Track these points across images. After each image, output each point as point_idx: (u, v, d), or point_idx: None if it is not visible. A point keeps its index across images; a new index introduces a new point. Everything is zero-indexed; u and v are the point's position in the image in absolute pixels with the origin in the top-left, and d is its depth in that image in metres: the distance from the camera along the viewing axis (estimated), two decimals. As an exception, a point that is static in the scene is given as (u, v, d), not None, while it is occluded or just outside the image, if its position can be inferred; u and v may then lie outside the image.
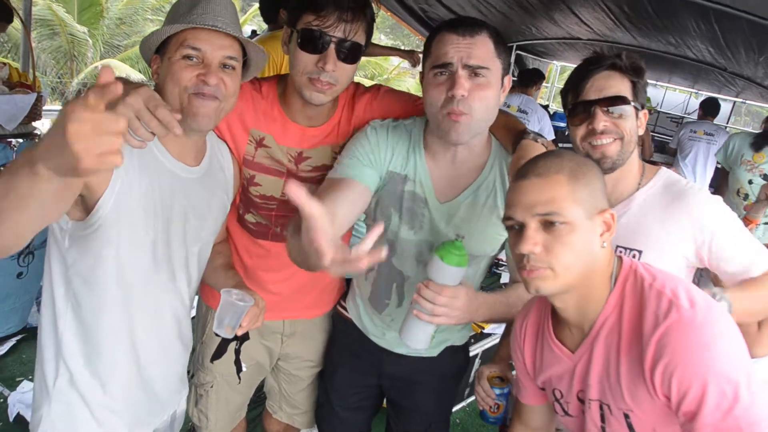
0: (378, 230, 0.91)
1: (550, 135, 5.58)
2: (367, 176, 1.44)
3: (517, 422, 1.47)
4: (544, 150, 1.39)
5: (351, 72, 1.47)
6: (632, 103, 1.42)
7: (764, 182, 3.64)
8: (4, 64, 2.26)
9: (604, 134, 1.41)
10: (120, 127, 0.76)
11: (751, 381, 0.96)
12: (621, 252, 1.43)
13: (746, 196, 3.75)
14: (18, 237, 0.96)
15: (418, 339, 1.36)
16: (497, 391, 1.54)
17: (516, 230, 1.12)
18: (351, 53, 1.43)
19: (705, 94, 8.60)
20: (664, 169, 1.52)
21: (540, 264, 1.07)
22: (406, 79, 15.96)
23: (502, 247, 1.58)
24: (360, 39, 1.44)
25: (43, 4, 10.81)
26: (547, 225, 1.07)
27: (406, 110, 1.60)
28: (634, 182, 1.50)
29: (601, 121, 1.41)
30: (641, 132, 1.48)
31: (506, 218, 1.13)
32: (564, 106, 1.53)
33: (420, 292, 1.30)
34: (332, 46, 1.40)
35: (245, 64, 1.40)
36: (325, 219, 0.86)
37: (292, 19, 1.46)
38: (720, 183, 4.03)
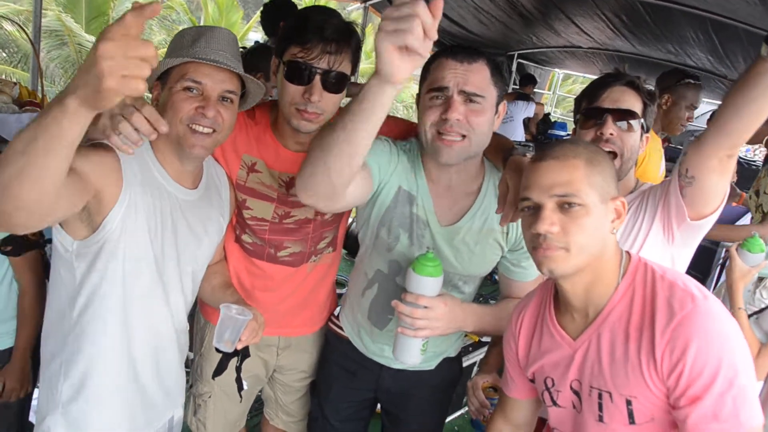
0: None
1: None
2: (375, 165, 1.44)
3: (500, 417, 1.46)
4: None
5: (337, 100, 1.50)
6: (641, 121, 1.49)
7: None
8: (15, 83, 2.34)
9: (608, 143, 1.47)
10: (149, 53, 0.78)
11: (750, 380, 1.01)
12: None
13: None
14: (42, 192, 0.95)
15: (410, 354, 1.38)
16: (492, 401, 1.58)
17: (530, 212, 1.14)
18: (336, 83, 1.46)
19: (706, 101, 8.63)
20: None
21: (556, 243, 1.09)
22: (412, 86, 16.01)
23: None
24: (345, 69, 1.47)
25: (52, 15, 10.93)
26: (563, 206, 1.10)
27: (401, 133, 1.63)
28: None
29: (610, 128, 1.47)
30: (641, 152, 1.53)
31: (522, 199, 1.16)
32: (576, 111, 1.59)
33: (398, 307, 1.34)
34: (317, 78, 1.43)
35: (242, 96, 1.44)
36: None
37: (279, 50, 1.49)
38: None
